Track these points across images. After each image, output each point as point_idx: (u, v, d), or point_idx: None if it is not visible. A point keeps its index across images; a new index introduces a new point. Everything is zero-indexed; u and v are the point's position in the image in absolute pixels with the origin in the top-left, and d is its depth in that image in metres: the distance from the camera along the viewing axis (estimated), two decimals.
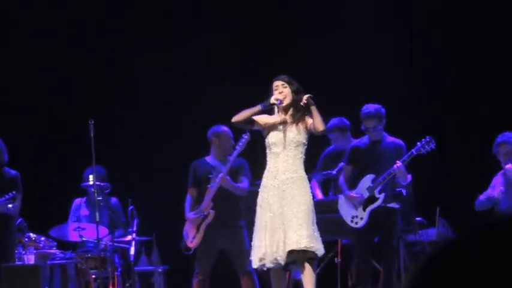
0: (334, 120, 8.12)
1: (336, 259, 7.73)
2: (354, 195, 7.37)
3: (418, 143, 7.21)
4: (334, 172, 7.93)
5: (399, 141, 7.46)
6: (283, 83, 6.49)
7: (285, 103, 6.47)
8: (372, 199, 7.35)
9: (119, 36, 9.81)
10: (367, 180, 7.38)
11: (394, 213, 7.40)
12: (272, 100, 6.44)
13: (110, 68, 9.66)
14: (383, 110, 7.39)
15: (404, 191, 7.50)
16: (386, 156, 7.28)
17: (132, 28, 9.84)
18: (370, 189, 7.35)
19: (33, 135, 9.44)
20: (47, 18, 9.76)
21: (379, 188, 7.31)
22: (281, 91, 6.45)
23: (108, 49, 9.79)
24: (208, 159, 7.93)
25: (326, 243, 6.57)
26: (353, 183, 7.47)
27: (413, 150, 7.21)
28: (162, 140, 9.61)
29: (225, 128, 7.84)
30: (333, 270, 7.75)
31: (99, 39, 9.77)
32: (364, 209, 7.35)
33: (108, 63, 9.69)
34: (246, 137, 7.31)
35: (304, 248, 6.23)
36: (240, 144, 7.38)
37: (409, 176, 7.44)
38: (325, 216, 7.35)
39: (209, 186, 7.65)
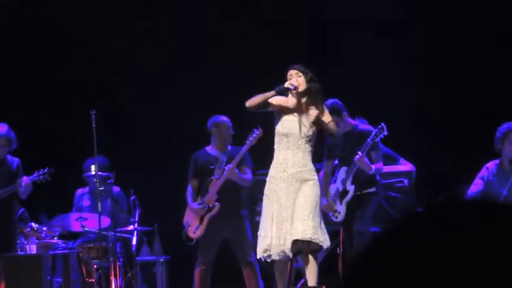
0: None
1: (337, 249, 7.73)
2: (325, 203, 7.35)
3: (373, 132, 7.21)
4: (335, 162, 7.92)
5: (368, 128, 7.41)
6: (297, 71, 6.50)
7: (300, 90, 6.45)
8: (346, 192, 7.35)
9: (119, 27, 9.78)
10: (342, 173, 7.39)
11: (367, 197, 7.34)
12: (286, 85, 6.44)
13: (112, 58, 9.64)
14: (337, 104, 7.33)
15: (406, 181, 7.48)
16: (356, 146, 7.25)
17: (132, 18, 9.82)
18: (344, 181, 7.35)
19: (35, 125, 9.45)
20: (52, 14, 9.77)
21: (350, 179, 7.30)
22: (296, 80, 6.46)
23: (109, 40, 9.77)
24: (209, 149, 7.94)
25: (328, 234, 6.56)
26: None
27: (368, 139, 7.20)
28: (164, 130, 9.59)
29: (224, 118, 7.88)
30: (335, 260, 7.76)
31: (98, 33, 9.75)
32: (341, 203, 7.36)
33: (110, 54, 9.67)
34: (257, 132, 7.29)
35: (309, 239, 6.25)
36: (251, 138, 7.36)
37: (380, 165, 7.32)
38: None
39: (214, 178, 7.65)
